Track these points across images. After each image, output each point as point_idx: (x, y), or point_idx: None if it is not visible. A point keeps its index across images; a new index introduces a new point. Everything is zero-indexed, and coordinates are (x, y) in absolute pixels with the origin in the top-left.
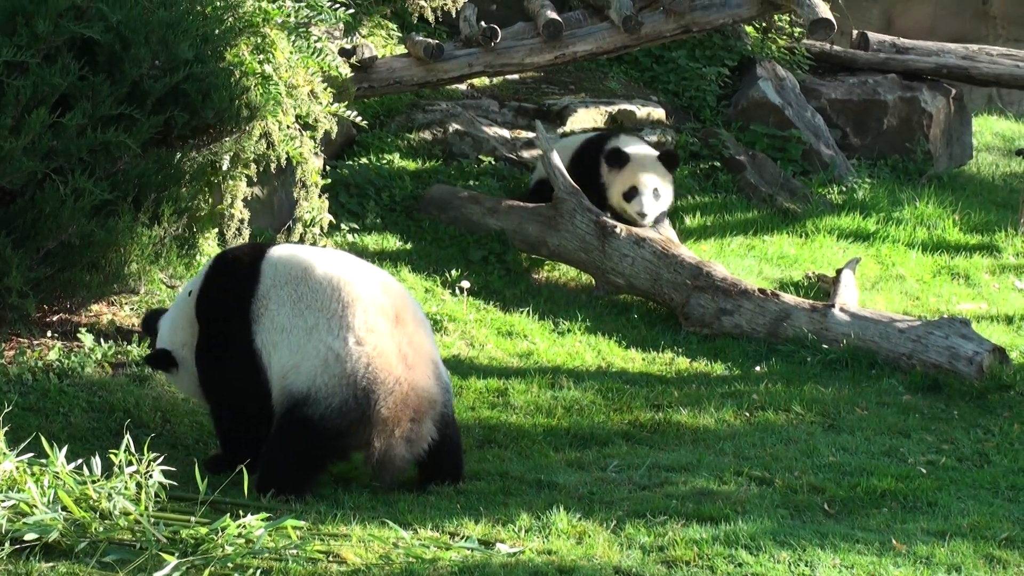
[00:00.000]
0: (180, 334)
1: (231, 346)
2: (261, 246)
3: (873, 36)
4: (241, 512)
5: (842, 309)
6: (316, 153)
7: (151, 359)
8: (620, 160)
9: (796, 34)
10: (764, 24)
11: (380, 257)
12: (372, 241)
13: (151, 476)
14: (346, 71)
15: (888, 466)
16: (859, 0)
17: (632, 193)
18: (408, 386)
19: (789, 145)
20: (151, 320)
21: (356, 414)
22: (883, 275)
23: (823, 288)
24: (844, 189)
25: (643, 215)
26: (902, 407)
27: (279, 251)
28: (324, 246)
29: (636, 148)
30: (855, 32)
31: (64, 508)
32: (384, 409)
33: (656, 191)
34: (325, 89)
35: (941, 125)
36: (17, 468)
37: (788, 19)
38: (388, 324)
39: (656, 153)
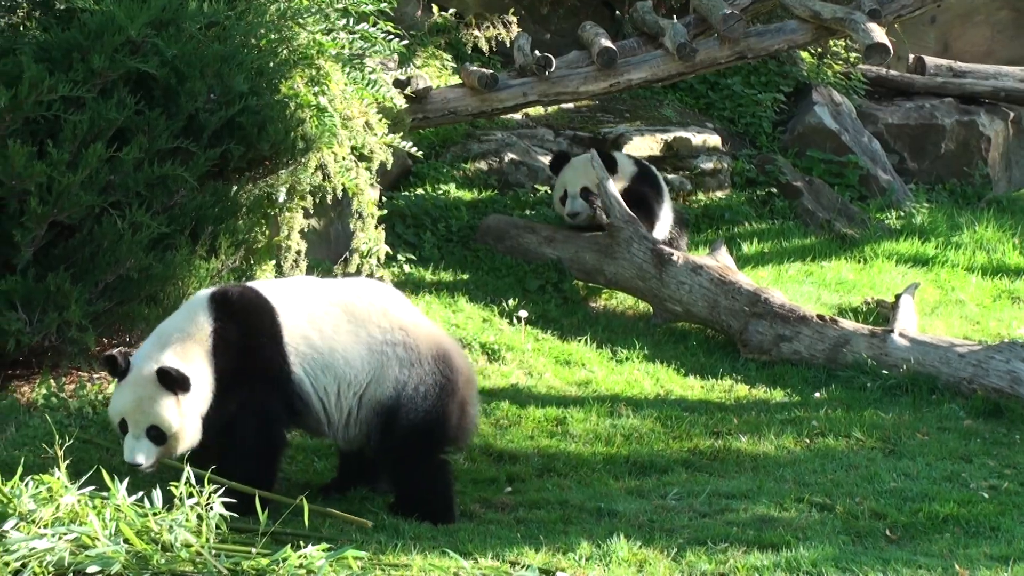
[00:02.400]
0: (195, 366)
1: (275, 371)
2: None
3: (930, 60)
4: (302, 543)
5: (902, 334)
6: (372, 184)
7: (171, 376)
8: (558, 164)
9: (852, 59)
10: (819, 50)
11: (437, 287)
12: (429, 272)
13: (212, 508)
14: (401, 102)
15: (950, 491)
16: (915, 24)
17: (565, 196)
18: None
19: (846, 170)
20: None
21: (449, 388)
22: (943, 300)
23: (882, 313)
24: (902, 214)
25: (571, 215)
26: (963, 432)
27: (265, 283)
28: (380, 277)
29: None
30: (911, 56)
31: (126, 540)
32: (463, 367)
33: (586, 190)
34: (380, 120)
35: (1000, 148)
36: (79, 501)
37: (844, 44)
38: (413, 310)
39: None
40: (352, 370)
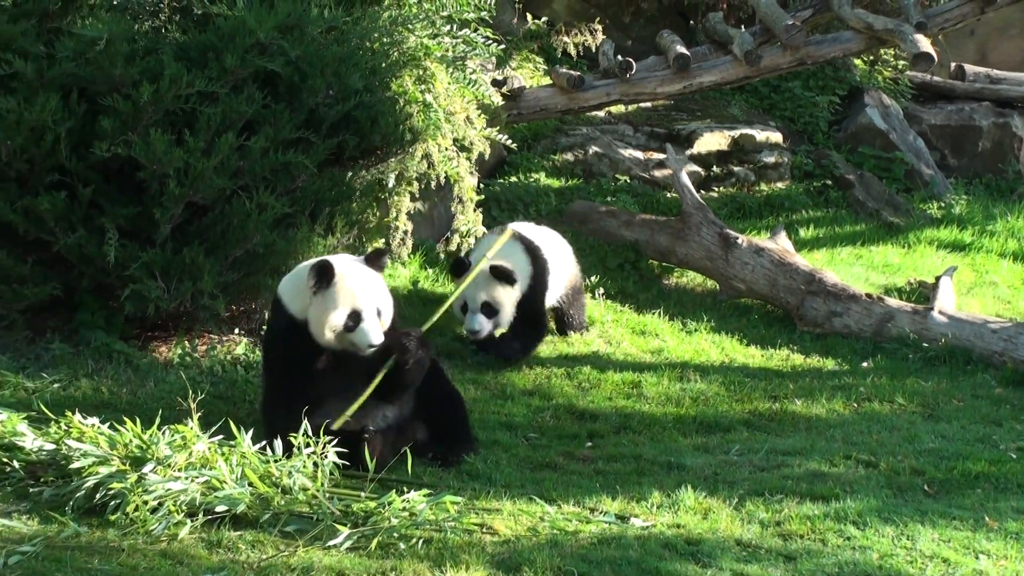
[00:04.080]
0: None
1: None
2: None
3: (969, 68)
4: (405, 488)
5: (941, 312)
6: (471, 172)
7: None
8: (459, 270)
9: (900, 66)
10: (871, 57)
11: None
12: None
13: (326, 456)
14: (498, 100)
15: (982, 451)
16: (957, 36)
17: (465, 308)
18: None
19: (893, 165)
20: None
21: None
22: (978, 281)
23: (923, 293)
24: (943, 205)
25: (471, 332)
26: (995, 399)
27: None
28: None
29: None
30: (953, 64)
31: (250, 484)
32: None
33: (487, 305)
34: (479, 115)
35: None
36: (209, 449)
37: (893, 53)
38: None
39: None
40: None
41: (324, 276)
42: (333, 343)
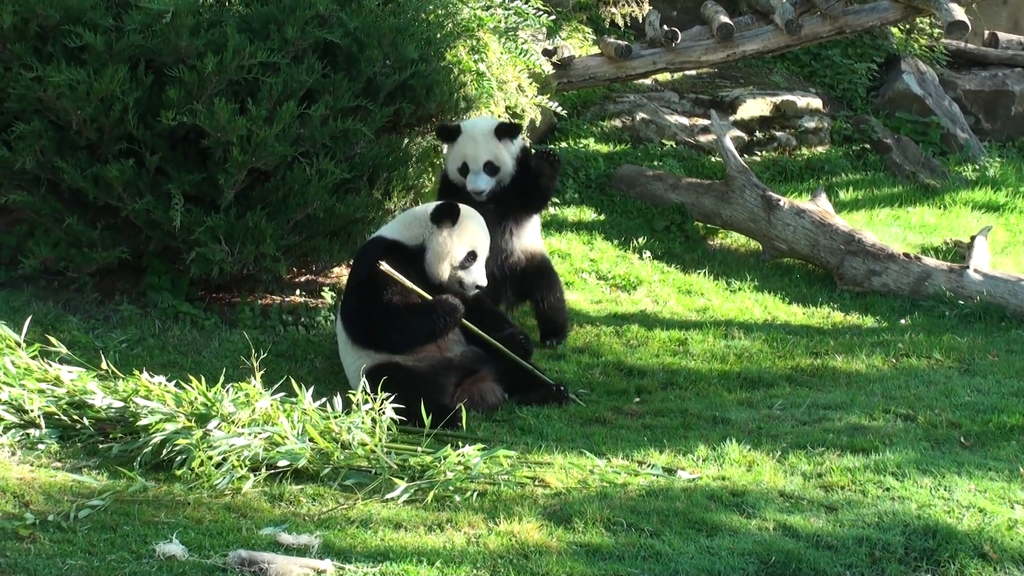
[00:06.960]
0: None
1: None
2: None
3: (1002, 36)
4: (460, 443)
5: (976, 270)
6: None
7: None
8: (450, 135)
9: (935, 34)
10: (908, 26)
11: (578, 227)
12: (571, 213)
13: (384, 413)
14: (548, 68)
15: (1017, 405)
16: (990, 4)
17: (464, 169)
18: None
19: (929, 130)
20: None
21: None
22: (1011, 241)
23: (959, 252)
24: (977, 167)
25: (476, 192)
26: None
27: None
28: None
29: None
30: (987, 32)
31: (310, 439)
32: None
33: (490, 164)
34: (530, 84)
35: None
36: (271, 405)
37: (928, 21)
38: None
39: None
40: None
41: (452, 214)
42: (442, 276)
